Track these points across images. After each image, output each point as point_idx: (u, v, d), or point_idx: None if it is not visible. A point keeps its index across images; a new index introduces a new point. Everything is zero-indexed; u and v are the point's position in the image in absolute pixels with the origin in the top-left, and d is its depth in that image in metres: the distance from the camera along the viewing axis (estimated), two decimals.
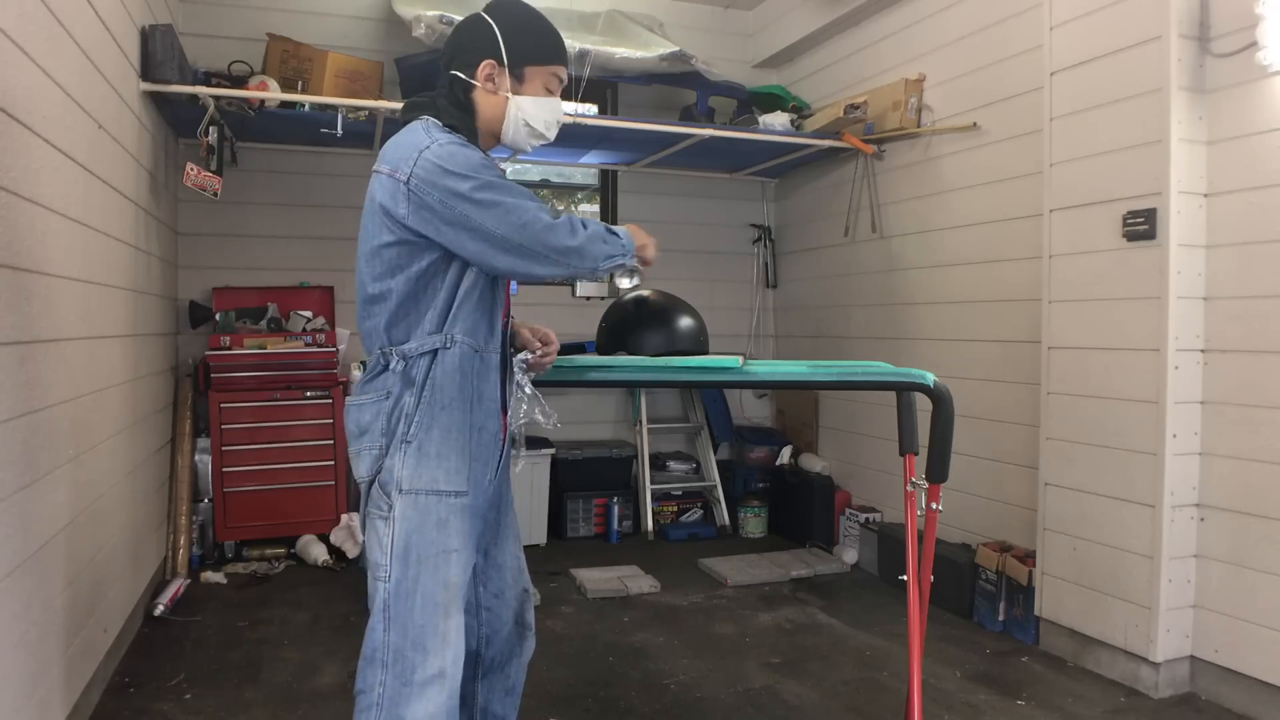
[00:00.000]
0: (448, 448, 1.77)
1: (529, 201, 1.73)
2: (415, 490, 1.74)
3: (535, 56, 1.84)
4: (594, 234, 1.79)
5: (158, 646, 3.33)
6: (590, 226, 1.79)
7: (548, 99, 1.87)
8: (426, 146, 1.69)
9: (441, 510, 1.76)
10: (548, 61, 1.86)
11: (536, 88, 1.85)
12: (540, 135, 1.88)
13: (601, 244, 1.80)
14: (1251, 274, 2.81)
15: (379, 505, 1.77)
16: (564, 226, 1.74)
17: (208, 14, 4.56)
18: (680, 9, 5.48)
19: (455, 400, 1.78)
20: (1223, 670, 2.90)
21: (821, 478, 4.95)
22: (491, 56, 1.81)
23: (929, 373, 2.22)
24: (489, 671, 2.02)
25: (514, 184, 1.74)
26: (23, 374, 2.13)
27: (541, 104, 1.86)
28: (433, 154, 1.68)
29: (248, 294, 4.66)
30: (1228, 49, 2.83)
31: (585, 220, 1.80)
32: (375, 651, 1.74)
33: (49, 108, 2.34)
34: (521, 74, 1.83)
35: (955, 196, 4.13)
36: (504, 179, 1.73)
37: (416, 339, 1.76)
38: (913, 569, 2.23)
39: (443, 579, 1.74)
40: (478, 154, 1.74)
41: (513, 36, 1.82)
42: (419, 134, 1.73)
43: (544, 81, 1.86)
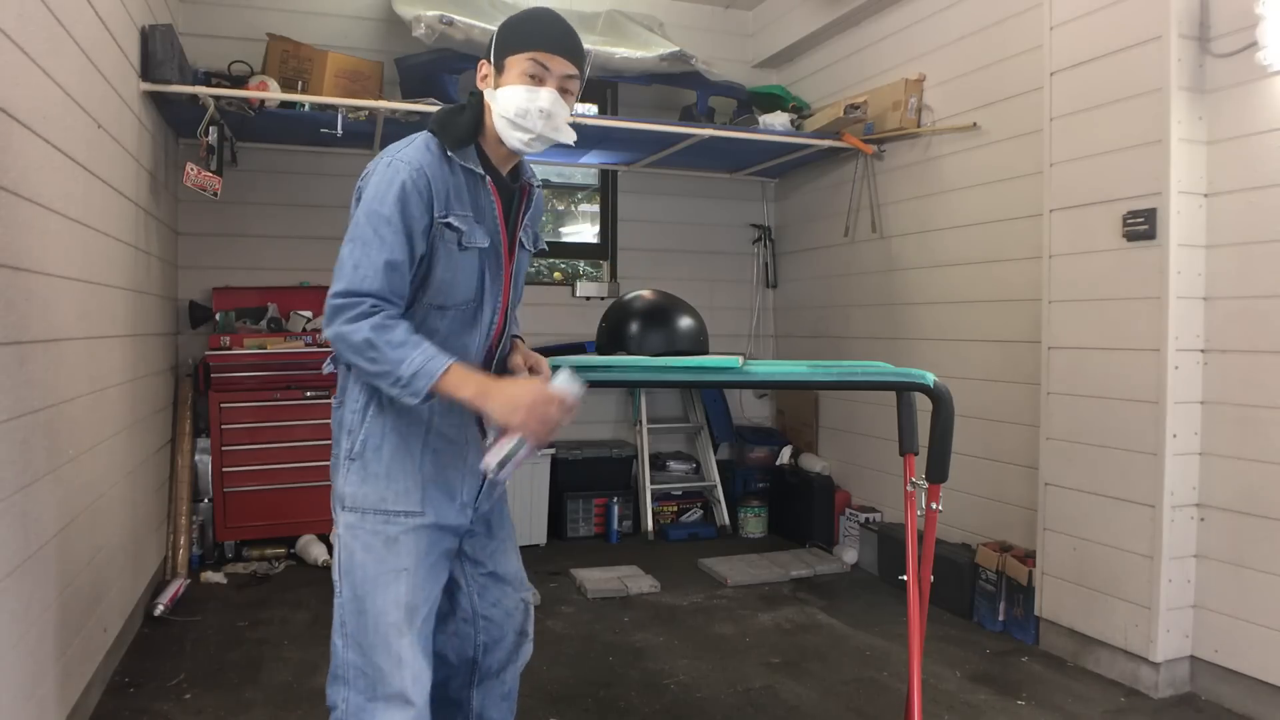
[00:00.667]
0: (397, 468, 1.72)
1: (354, 266, 1.59)
2: (361, 508, 1.71)
3: (513, 45, 1.73)
4: (355, 340, 1.57)
5: (158, 646, 3.33)
6: (363, 331, 1.56)
7: (519, 86, 1.70)
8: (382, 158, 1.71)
9: (390, 530, 1.71)
10: (523, 48, 1.71)
11: (514, 76, 1.71)
12: (520, 127, 1.71)
13: (358, 353, 1.58)
14: (1251, 274, 2.81)
15: (335, 520, 1.76)
16: (332, 307, 1.59)
17: (208, 14, 4.56)
18: (680, 9, 5.48)
19: (405, 425, 1.73)
20: (1223, 670, 2.90)
21: (821, 478, 4.95)
22: (487, 57, 1.77)
23: (929, 373, 2.22)
24: (485, 678, 2.00)
25: (383, 241, 1.60)
26: (22, 374, 2.13)
27: (515, 92, 1.70)
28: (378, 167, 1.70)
29: (248, 294, 4.65)
30: (1228, 49, 2.83)
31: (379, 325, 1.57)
32: (338, 668, 1.74)
33: (49, 108, 2.34)
34: (503, 65, 1.73)
35: (955, 196, 4.12)
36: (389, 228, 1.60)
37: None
38: (913, 569, 2.23)
39: (394, 598, 1.70)
40: (397, 189, 1.62)
41: (503, 31, 1.76)
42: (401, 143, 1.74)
43: (522, 69, 1.71)
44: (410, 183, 1.64)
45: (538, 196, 1.95)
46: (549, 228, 5.89)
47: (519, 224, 1.87)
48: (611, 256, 5.60)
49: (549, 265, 5.66)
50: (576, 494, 5.05)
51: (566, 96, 1.76)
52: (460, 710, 2.00)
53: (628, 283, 5.41)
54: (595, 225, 5.72)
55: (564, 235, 5.95)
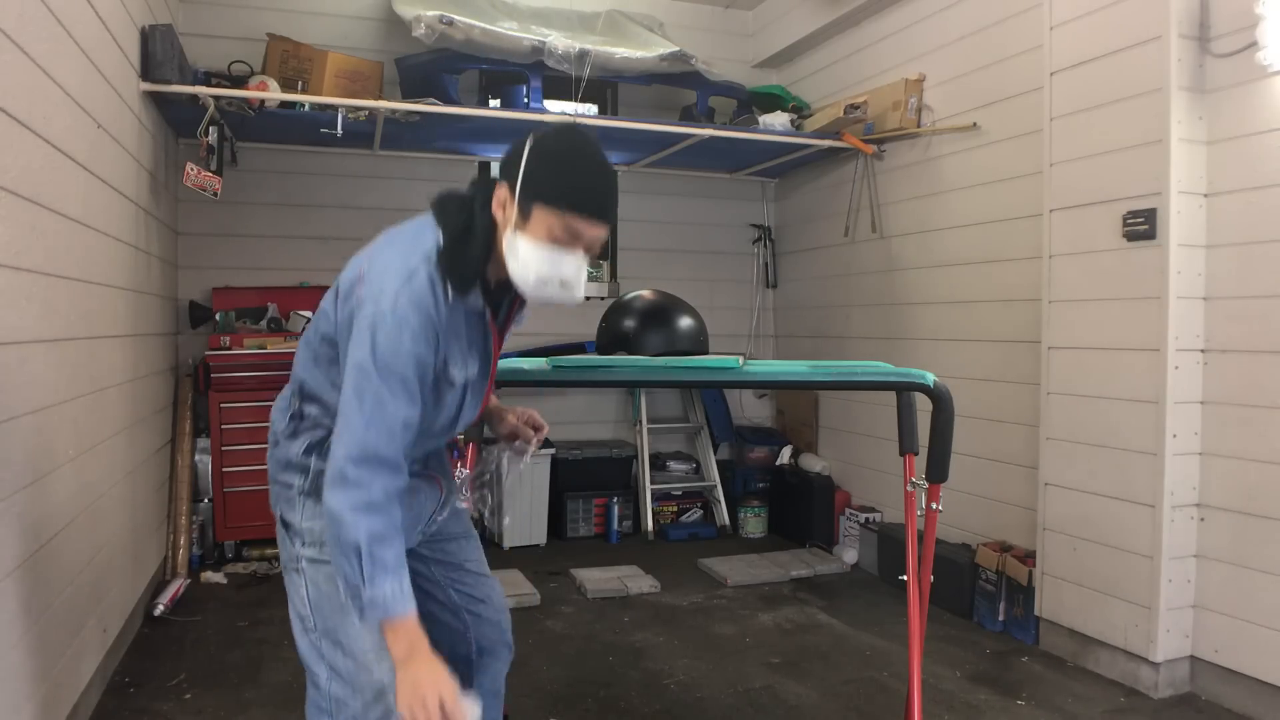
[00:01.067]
0: None
1: (370, 432, 1.49)
2: (320, 541, 1.65)
3: (546, 195, 1.53)
4: (348, 530, 1.48)
5: (158, 646, 3.33)
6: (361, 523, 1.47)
7: (548, 249, 1.54)
8: (386, 306, 1.50)
9: None
10: (558, 204, 1.52)
11: (539, 230, 1.54)
12: (533, 289, 1.58)
13: (334, 545, 1.50)
14: (1251, 274, 2.81)
15: (289, 555, 1.71)
16: (344, 485, 1.48)
17: (208, 14, 4.56)
18: (680, 9, 5.48)
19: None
20: (1223, 670, 2.90)
21: (821, 478, 4.95)
22: (508, 181, 1.56)
23: (929, 373, 2.22)
24: (481, 678, 1.99)
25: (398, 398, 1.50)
26: (23, 374, 2.13)
27: (534, 251, 1.55)
28: (383, 309, 1.50)
29: (248, 294, 4.65)
30: (1228, 49, 2.83)
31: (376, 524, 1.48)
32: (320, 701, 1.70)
33: (49, 108, 2.34)
34: (528, 210, 1.54)
35: (955, 196, 4.12)
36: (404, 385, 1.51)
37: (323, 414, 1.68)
38: (913, 569, 2.23)
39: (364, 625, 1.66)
40: (405, 344, 1.50)
41: (533, 164, 1.54)
42: (400, 275, 1.52)
43: (550, 227, 1.53)
44: (420, 331, 1.52)
45: (527, 308, 1.83)
46: None
47: (507, 328, 1.78)
48: (611, 256, 5.60)
49: None
50: (576, 494, 5.05)
51: (590, 255, 1.61)
52: None
53: (628, 283, 5.41)
54: None
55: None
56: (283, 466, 1.72)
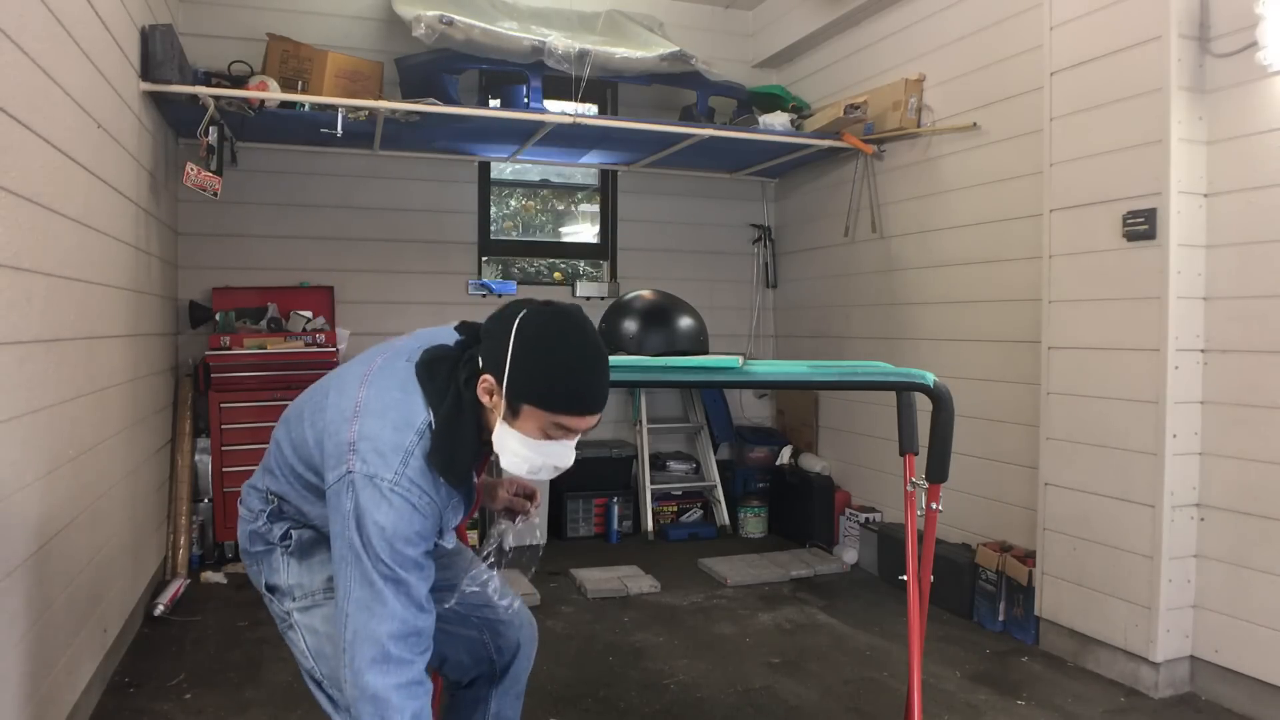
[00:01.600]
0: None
1: (409, 609, 1.49)
2: (310, 592, 1.72)
3: (536, 400, 1.52)
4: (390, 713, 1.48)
5: (158, 646, 3.33)
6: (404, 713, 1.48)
7: (538, 443, 1.56)
8: (382, 482, 1.49)
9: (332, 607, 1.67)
10: (550, 409, 1.52)
11: (530, 428, 1.54)
12: (525, 475, 1.61)
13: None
14: (1251, 274, 2.81)
15: (281, 616, 1.75)
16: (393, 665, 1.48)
17: (208, 14, 4.56)
18: (680, 9, 5.48)
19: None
20: (1223, 670, 2.90)
21: (821, 478, 4.95)
22: (493, 374, 1.53)
23: (929, 373, 2.22)
24: (503, 677, 2.01)
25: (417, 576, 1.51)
26: (23, 374, 2.13)
27: (528, 445, 1.56)
28: (387, 491, 1.49)
29: (248, 294, 4.65)
30: (1228, 49, 2.83)
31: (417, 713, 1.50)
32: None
33: (49, 108, 2.34)
34: (518, 409, 1.53)
35: (955, 196, 4.12)
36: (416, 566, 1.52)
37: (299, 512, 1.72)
38: (913, 569, 2.23)
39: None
40: (414, 526, 1.50)
41: (519, 368, 1.50)
42: (404, 438, 1.51)
43: (541, 425, 1.54)
44: (424, 509, 1.52)
45: None
46: (549, 228, 5.89)
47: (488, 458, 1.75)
48: (611, 256, 5.60)
49: (549, 265, 5.66)
50: (576, 494, 5.05)
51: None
52: (480, 707, 2.01)
53: (628, 283, 5.41)
54: (595, 225, 5.72)
55: (564, 235, 5.95)
56: (259, 539, 1.76)
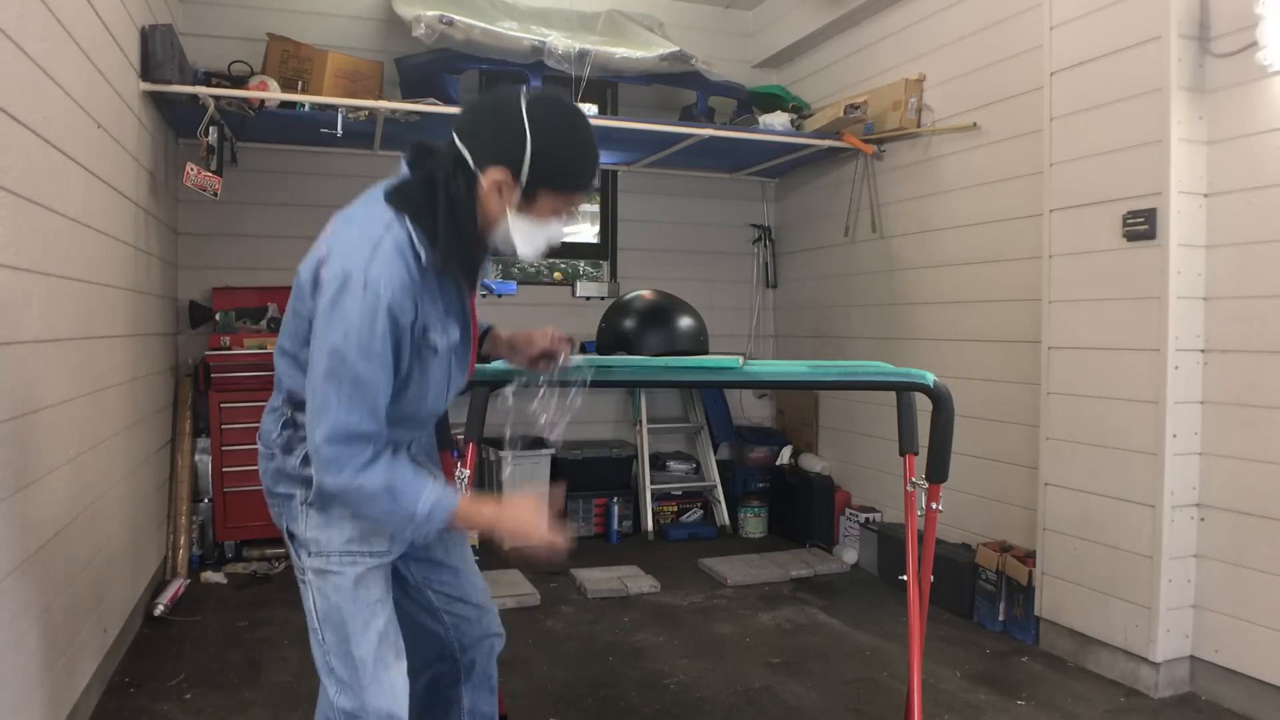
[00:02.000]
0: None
1: (343, 408, 1.48)
2: (326, 552, 1.66)
3: (557, 183, 1.56)
4: (365, 489, 1.50)
5: (158, 646, 3.33)
6: (372, 477, 1.50)
7: (549, 224, 1.61)
8: (353, 274, 1.47)
9: (356, 569, 1.66)
10: (568, 190, 1.59)
11: (544, 210, 1.59)
12: (533, 253, 1.64)
13: (369, 501, 1.52)
14: (1251, 274, 2.81)
15: (297, 567, 1.71)
16: (328, 455, 1.49)
17: (208, 14, 4.56)
18: (680, 9, 5.48)
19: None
20: (1223, 670, 2.90)
21: (821, 478, 4.95)
22: (508, 166, 1.53)
23: (929, 373, 2.22)
24: (470, 673, 1.98)
25: (373, 380, 1.49)
26: (22, 374, 2.13)
27: (540, 228, 1.61)
28: (352, 288, 1.47)
29: (248, 294, 4.65)
30: (1228, 49, 2.83)
31: (382, 469, 1.51)
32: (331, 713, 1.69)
33: (49, 108, 2.34)
34: (534, 195, 1.56)
35: (955, 196, 4.12)
36: (379, 363, 1.49)
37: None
38: (913, 569, 2.23)
39: (375, 632, 1.68)
40: (383, 321, 1.48)
41: (541, 157, 1.52)
42: (366, 245, 1.50)
43: (554, 206, 1.59)
44: (395, 307, 1.50)
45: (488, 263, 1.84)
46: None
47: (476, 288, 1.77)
48: (611, 256, 5.60)
49: (549, 265, 5.66)
50: (576, 494, 5.05)
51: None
52: (452, 709, 1.99)
53: (628, 283, 5.41)
54: (595, 225, 5.72)
55: (564, 235, 5.93)
56: (281, 479, 1.69)
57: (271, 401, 1.74)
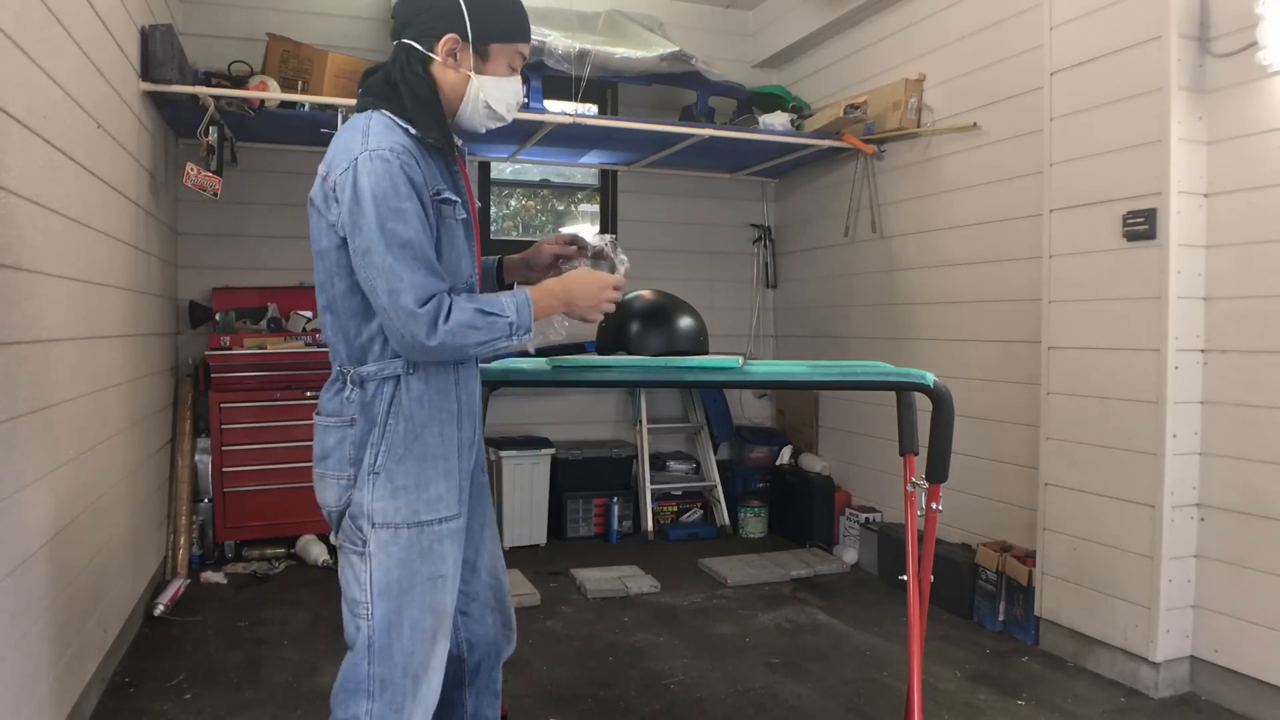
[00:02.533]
0: (427, 476, 1.67)
1: (410, 272, 1.55)
2: (392, 524, 1.64)
3: (502, 34, 1.71)
4: (458, 325, 1.58)
5: (158, 646, 3.33)
6: (457, 315, 1.58)
7: (510, 79, 1.75)
8: (357, 156, 1.58)
9: (424, 540, 1.66)
10: (514, 39, 1.74)
11: (500, 66, 1.73)
12: (499, 117, 1.76)
13: (469, 333, 1.60)
14: (1251, 274, 2.81)
15: (352, 540, 1.68)
16: (424, 318, 1.55)
17: (208, 14, 4.56)
18: (680, 9, 5.48)
19: (429, 426, 1.68)
20: (1223, 670, 2.90)
21: (821, 478, 4.95)
22: (454, 30, 1.67)
23: (929, 373, 2.22)
24: (475, 677, 1.96)
25: (418, 237, 1.57)
26: (22, 374, 2.13)
27: (504, 84, 1.74)
28: (360, 166, 1.57)
29: (248, 294, 4.66)
30: (1228, 49, 2.83)
31: (461, 303, 1.60)
32: (359, 684, 1.66)
33: (49, 108, 2.34)
34: (486, 51, 1.71)
35: (955, 196, 4.12)
36: (415, 219, 1.57)
37: (377, 361, 1.67)
38: (913, 569, 2.23)
39: (430, 606, 1.67)
40: (402, 179, 1.57)
41: (479, 9, 1.68)
42: (357, 136, 1.61)
43: (508, 60, 1.74)
44: (406, 167, 1.59)
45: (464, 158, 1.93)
46: (549, 228, 5.90)
47: (468, 185, 1.84)
48: None
49: None
50: (576, 494, 5.05)
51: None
52: (454, 712, 1.96)
53: (627, 283, 5.40)
54: (595, 225, 5.72)
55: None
56: (351, 445, 1.67)
57: (325, 392, 1.76)
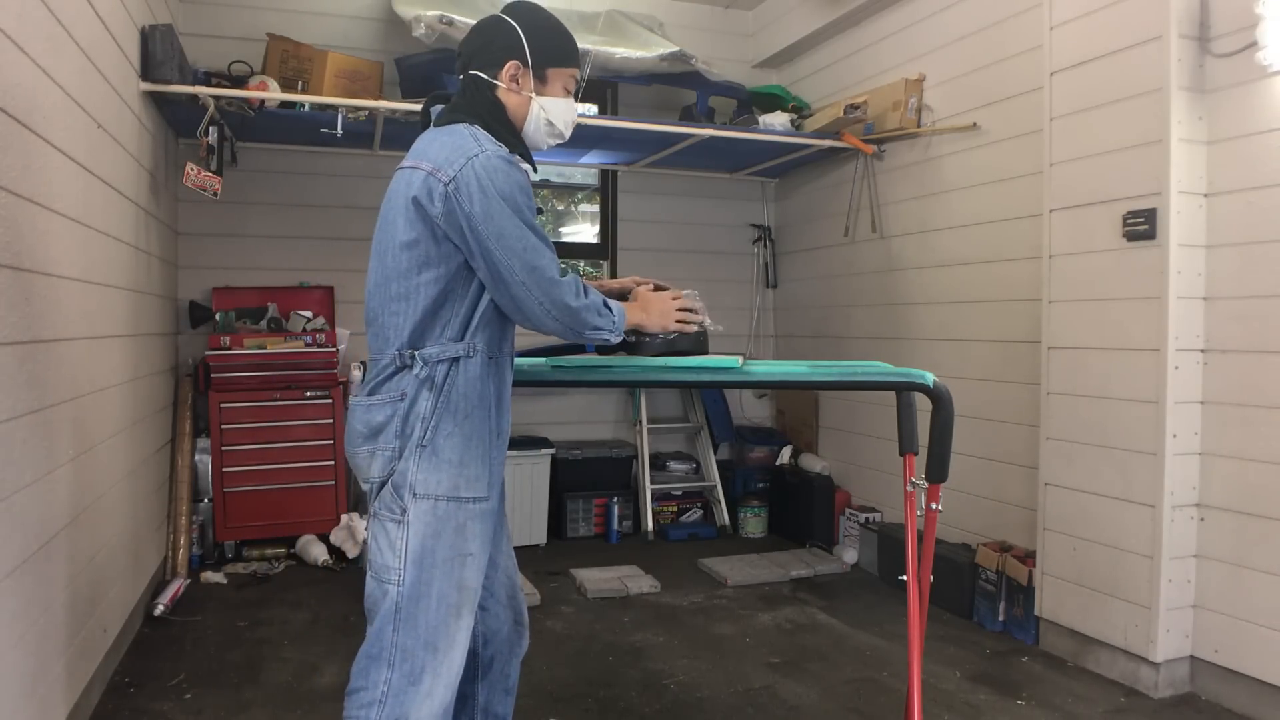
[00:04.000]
0: (470, 455, 1.76)
1: (547, 249, 1.74)
2: (433, 495, 1.73)
3: (557, 59, 1.91)
4: (592, 304, 1.81)
5: (158, 646, 3.33)
6: (590, 295, 1.81)
7: (566, 99, 1.94)
8: (475, 155, 1.71)
9: (460, 516, 1.74)
10: (568, 64, 1.93)
11: (556, 89, 1.92)
12: (559, 135, 1.95)
13: (596, 315, 1.82)
14: (1251, 274, 2.81)
15: (390, 508, 1.74)
16: (570, 285, 1.76)
17: (208, 14, 4.56)
18: (680, 9, 5.48)
19: (477, 408, 1.78)
20: (1223, 670, 2.90)
21: (821, 478, 4.95)
22: (516, 57, 1.87)
23: (929, 373, 2.21)
24: (488, 671, 2.01)
25: (538, 224, 1.76)
26: (23, 374, 2.13)
27: (561, 104, 1.93)
28: (480, 164, 1.71)
29: (248, 294, 4.66)
30: (1228, 49, 2.83)
31: (587, 287, 1.82)
32: (382, 651, 1.72)
33: (49, 108, 2.34)
34: (544, 75, 1.90)
35: (955, 196, 4.12)
36: (535, 212, 1.76)
37: (438, 344, 1.76)
38: (913, 569, 2.23)
39: (457, 581, 1.74)
40: (522, 177, 1.76)
41: (536, 39, 1.88)
42: (466, 139, 1.75)
43: (563, 83, 1.93)
44: (513, 171, 1.76)
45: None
46: (549, 228, 5.90)
47: None
48: (611, 256, 5.60)
49: None
50: (576, 494, 5.05)
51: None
52: (466, 705, 2.00)
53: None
54: (595, 225, 5.72)
55: (564, 235, 5.95)
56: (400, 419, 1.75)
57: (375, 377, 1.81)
